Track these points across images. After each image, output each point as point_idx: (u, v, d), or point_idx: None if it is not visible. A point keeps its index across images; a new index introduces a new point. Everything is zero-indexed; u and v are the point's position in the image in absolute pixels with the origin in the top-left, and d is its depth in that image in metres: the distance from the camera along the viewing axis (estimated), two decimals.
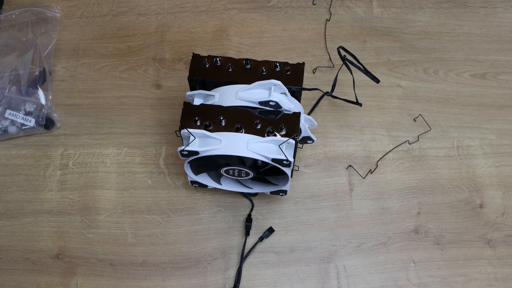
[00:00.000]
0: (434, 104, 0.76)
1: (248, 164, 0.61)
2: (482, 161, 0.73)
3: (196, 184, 0.67)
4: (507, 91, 0.77)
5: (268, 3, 0.83)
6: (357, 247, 0.68)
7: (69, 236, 0.69)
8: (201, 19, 0.82)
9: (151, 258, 0.68)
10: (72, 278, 0.67)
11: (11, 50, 0.78)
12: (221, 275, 0.67)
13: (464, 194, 0.71)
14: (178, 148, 0.58)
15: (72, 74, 0.78)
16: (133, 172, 0.72)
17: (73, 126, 0.75)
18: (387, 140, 0.74)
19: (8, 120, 0.73)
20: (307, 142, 0.66)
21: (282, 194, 0.67)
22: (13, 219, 0.70)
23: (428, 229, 0.69)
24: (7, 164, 0.73)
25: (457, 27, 0.82)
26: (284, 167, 0.58)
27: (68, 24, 0.82)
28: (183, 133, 0.59)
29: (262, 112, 0.59)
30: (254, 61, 0.62)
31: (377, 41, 0.80)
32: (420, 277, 0.67)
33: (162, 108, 0.76)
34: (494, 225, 0.69)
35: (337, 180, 0.72)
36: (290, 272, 0.67)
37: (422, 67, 0.79)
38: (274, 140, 0.57)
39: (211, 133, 0.58)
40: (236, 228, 0.69)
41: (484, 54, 0.80)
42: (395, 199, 0.71)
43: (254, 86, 0.60)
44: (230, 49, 0.80)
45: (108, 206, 0.70)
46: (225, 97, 0.61)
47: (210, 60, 0.63)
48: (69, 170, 0.72)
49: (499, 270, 0.67)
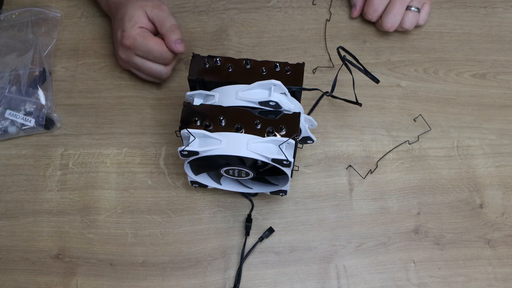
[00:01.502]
0: (434, 104, 0.76)
1: (248, 164, 0.61)
2: (482, 161, 0.73)
3: (196, 184, 0.67)
4: (507, 91, 0.77)
5: (268, 3, 0.83)
6: (357, 247, 0.68)
7: (69, 236, 0.69)
8: (201, 19, 0.82)
9: (151, 258, 0.68)
10: (72, 278, 0.67)
11: (11, 50, 0.78)
12: (221, 275, 0.67)
13: (464, 194, 0.71)
14: (178, 148, 0.58)
15: (72, 74, 0.78)
16: (133, 172, 0.72)
17: (73, 126, 0.75)
18: (387, 140, 0.74)
19: (8, 120, 0.73)
20: (307, 142, 0.66)
21: (282, 194, 0.67)
22: (13, 219, 0.70)
23: (428, 229, 0.69)
24: (7, 164, 0.73)
25: (457, 27, 0.82)
26: (284, 167, 0.58)
27: (68, 24, 0.82)
28: (183, 133, 0.59)
29: (262, 112, 0.59)
30: (254, 61, 0.62)
31: (377, 41, 0.80)
32: (420, 277, 0.67)
33: (162, 108, 0.76)
34: (494, 225, 0.70)
35: (337, 180, 0.72)
36: (290, 272, 0.67)
37: (422, 67, 0.79)
38: (274, 140, 0.57)
39: (211, 133, 0.58)
40: (236, 228, 0.69)
41: (484, 54, 0.80)
42: (395, 199, 0.71)
43: (254, 86, 0.60)
44: (230, 49, 0.80)
45: (108, 206, 0.70)
46: (225, 97, 0.61)
47: (210, 60, 0.63)
48: (69, 170, 0.72)
49: (499, 270, 0.67)
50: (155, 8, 0.70)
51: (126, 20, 0.70)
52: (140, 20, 0.70)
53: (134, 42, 0.69)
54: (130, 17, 0.69)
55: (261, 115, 0.59)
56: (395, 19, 0.77)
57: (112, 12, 0.75)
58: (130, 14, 0.70)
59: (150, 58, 0.71)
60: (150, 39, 0.69)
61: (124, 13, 0.70)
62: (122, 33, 0.70)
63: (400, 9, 0.77)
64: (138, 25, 0.69)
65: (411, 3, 0.77)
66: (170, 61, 0.72)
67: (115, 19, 0.73)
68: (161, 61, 0.71)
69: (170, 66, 0.73)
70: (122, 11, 0.71)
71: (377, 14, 0.79)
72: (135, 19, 0.69)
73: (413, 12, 0.77)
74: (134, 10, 0.70)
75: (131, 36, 0.69)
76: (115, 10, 0.73)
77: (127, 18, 0.70)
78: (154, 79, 0.75)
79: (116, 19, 0.72)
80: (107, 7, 0.77)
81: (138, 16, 0.70)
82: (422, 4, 0.78)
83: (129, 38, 0.69)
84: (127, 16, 0.70)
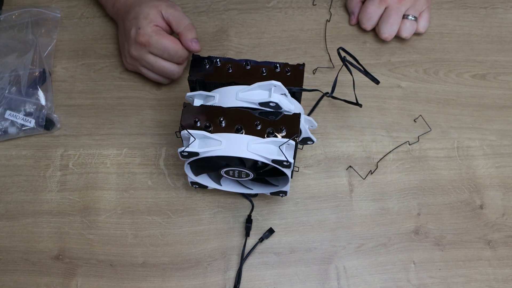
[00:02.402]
0: (434, 104, 0.76)
1: (248, 165, 0.61)
2: (482, 162, 0.73)
3: (196, 185, 0.67)
4: (507, 92, 0.77)
5: (268, 3, 0.83)
6: (357, 248, 0.68)
7: (69, 237, 0.69)
8: (201, 20, 0.82)
9: (151, 259, 0.68)
10: (72, 279, 0.67)
11: (11, 50, 0.78)
12: (221, 276, 0.67)
13: (464, 195, 0.71)
14: (178, 149, 0.58)
15: (72, 75, 0.78)
16: (133, 173, 0.72)
17: (73, 126, 0.75)
18: (387, 140, 0.74)
19: (8, 121, 0.73)
20: (307, 143, 0.66)
21: (282, 195, 0.67)
22: (13, 220, 0.70)
23: (428, 230, 0.69)
24: (7, 165, 0.73)
25: (457, 28, 0.82)
26: (284, 168, 0.58)
27: (68, 24, 0.82)
28: (183, 134, 0.59)
29: (262, 113, 0.59)
30: (254, 62, 0.62)
31: (377, 42, 0.80)
32: (420, 278, 0.67)
33: (162, 109, 0.76)
34: (494, 226, 0.69)
35: (337, 181, 0.72)
36: (290, 273, 0.67)
37: (422, 68, 0.79)
38: (274, 141, 0.57)
39: (211, 134, 0.58)
40: (236, 229, 0.69)
41: (484, 55, 0.80)
42: (395, 200, 0.71)
43: (254, 87, 0.60)
44: (230, 49, 0.80)
45: (108, 207, 0.70)
46: (225, 98, 0.61)
47: (210, 61, 0.63)
48: (69, 171, 0.72)
49: (499, 271, 0.67)
50: (170, 7, 0.71)
51: (142, 18, 0.70)
52: (156, 18, 0.70)
53: (149, 39, 0.69)
54: (146, 15, 0.70)
55: (261, 116, 0.59)
56: (392, 29, 0.77)
57: (121, 13, 0.75)
58: (145, 12, 0.70)
59: (165, 56, 0.70)
60: (165, 37, 0.69)
61: (139, 11, 0.71)
62: (137, 30, 0.70)
63: (396, 19, 0.76)
64: (153, 23, 0.70)
65: (408, 11, 0.76)
66: (184, 59, 0.72)
67: (127, 18, 0.72)
68: (176, 59, 0.71)
69: (182, 66, 0.73)
70: (136, 10, 0.71)
71: (371, 23, 0.78)
72: (150, 17, 0.70)
73: (410, 21, 0.76)
74: (149, 9, 0.70)
75: (146, 33, 0.69)
76: (126, 10, 0.73)
77: (143, 16, 0.70)
78: (164, 79, 0.74)
79: (128, 18, 0.72)
80: (114, 9, 0.77)
81: (154, 14, 0.70)
82: (419, 12, 0.77)
83: (145, 35, 0.69)
84: (142, 15, 0.70)
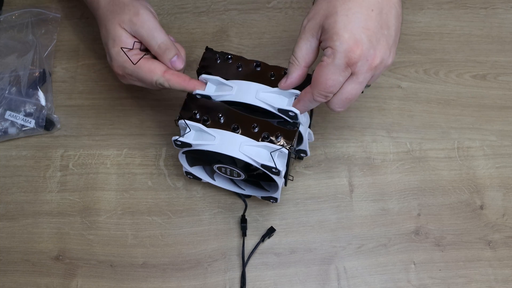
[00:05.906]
0: (435, 105, 0.76)
1: (240, 166, 0.61)
2: (482, 162, 0.73)
3: (190, 176, 0.67)
4: (507, 92, 0.77)
5: (268, 4, 0.83)
6: (357, 248, 0.68)
7: (69, 237, 0.69)
8: (201, 20, 0.82)
9: (151, 259, 0.68)
10: (72, 280, 0.67)
11: (11, 51, 0.78)
12: (221, 277, 0.67)
13: (465, 195, 0.71)
14: (172, 137, 0.58)
15: (72, 75, 0.78)
16: (133, 173, 0.72)
17: (73, 127, 0.75)
18: (388, 141, 0.74)
19: (8, 121, 0.73)
20: (301, 155, 0.66)
21: (272, 201, 0.66)
22: (13, 221, 0.70)
23: (428, 230, 0.69)
24: (7, 165, 0.73)
25: (457, 28, 0.82)
26: (273, 175, 0.58)
27: (68, 25, 0.82)
28: (180, 124, 0.59)
29: (280, 122, 0.59)
30: (264, 64, 0.62)
31: None
32: (420, 279, 0.67)
33: (162, 109, 0.76)
34: (495, 227, 0.69)
35: (337, 182, 0.72)
36: (290, 273, 0.67)
37: (423, 68, 0.79)
38: (267, 146, 0.57)
39: (207, 128, 0.58)
40: (236, 230, 0.69)
41: (484, 55, 0.80)
42: (395, 201, 0.71)
43: (275, 91, 0.59)
44: (230, 50, 0.80)
45: (108, 208, 0.70)
46: (244, 93, 0.60)
47: (222, 56, 0.63)
48: (69, 171, 0.72)
49: (500, 271, 0.67)
50: (134, 24, 0.62)
51: (110, 45, 0.63)
52: (122, 41, 0.62)
53: (124, 70, 0.63)
54: (113, 38, 0.62)
55: (280, 125, 0.58)
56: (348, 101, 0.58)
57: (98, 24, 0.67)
58: (112, 35, 0.62)
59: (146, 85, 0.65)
60: (140, 67, 0.62)
61: (106, 34, 0.63)
62: (110, 60, 0.64)
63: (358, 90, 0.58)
64: (123, 46, 0.62)
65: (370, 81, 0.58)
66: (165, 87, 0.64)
67: (101, 35, 0.65)
68: (156, 88, 0.64)
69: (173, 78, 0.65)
70: (103, 30, 0.64)
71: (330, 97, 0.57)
72: (116, 42, 0.62)
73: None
74: (114, 30, 0.62)
75: (119, 65, 0.63)
76: (100, 24, 0.66)
77: (110, 43, 0.63)
78: None
79: (102, 36, 0.65)
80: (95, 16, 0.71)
81: (119, 37, 0.62)
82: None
83: (118, 67, 0.63)
84: (109, 40, 0.63)
